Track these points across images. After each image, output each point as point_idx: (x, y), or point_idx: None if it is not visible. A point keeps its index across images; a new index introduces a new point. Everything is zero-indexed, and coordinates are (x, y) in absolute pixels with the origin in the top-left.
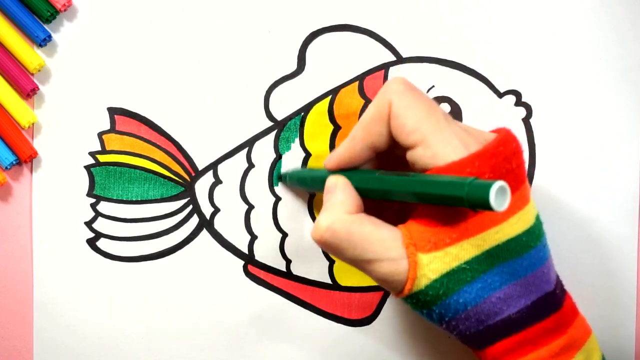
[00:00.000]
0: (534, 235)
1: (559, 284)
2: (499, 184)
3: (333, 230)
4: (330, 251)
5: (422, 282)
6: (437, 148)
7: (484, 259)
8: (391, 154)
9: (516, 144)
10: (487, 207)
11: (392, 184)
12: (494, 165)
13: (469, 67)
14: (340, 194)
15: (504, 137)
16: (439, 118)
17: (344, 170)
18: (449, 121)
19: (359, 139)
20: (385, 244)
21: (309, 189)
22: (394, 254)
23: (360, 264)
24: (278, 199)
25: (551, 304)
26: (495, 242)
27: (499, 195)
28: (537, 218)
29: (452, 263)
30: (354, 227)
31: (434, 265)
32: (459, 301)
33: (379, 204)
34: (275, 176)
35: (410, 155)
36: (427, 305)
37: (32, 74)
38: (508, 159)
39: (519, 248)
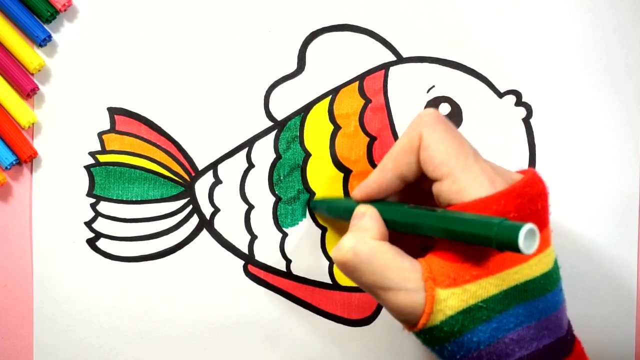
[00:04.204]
0: (551, 279)
1: (570, 329)
2: (528, 226)
3: (356, 252)
4: (349, 273)
5: (438, 317)
6: (464, 184)
7: (501, 298)
8: (417, 188)
9: (542, 186)
10: (515, 249)
11: (420, 218)
12: (519, 205)
13: (469, 67)
14: (367, 221)
15: (531, 178)
16: (469, 154)
17: (372, 201)
18: (477, 158)
19: (389, 169)
20: (405, 274)
21: (338, 217)
22: (412, 285)
23: (376, 290)
24: (278, 199)
25: (562, 350)
26: (514, 282)
27: (528, 237)
28: (555, 262)
29: (469, 300)
30: (377, 252)
31: (451, 301)
32: (472, 339)
33: (400, 237)
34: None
35: (436, 187)
36: (439, 342)
37: (32, 74)
38: (534, 200)
39: (536, 290)
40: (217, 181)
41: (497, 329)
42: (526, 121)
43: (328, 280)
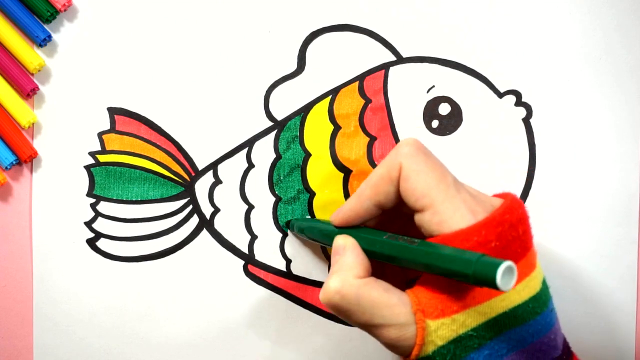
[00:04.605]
0: (540, 302)
1: (565, 347)
2: (506, 264)
3: (342, 295)
4: (339, 314)
5: (430, 348)
6: (445, 215)
7: (490, 326)
8: (397, 212)
9: (522, 211)
10: (493, 286)
11: (399, 251)
12: (500, 233)
13: (469, 67)
14: (349, 257)
15: (510, 204)
16: (449, 184)
17: (351, 227)
18: (458, 188)
19: (366, 197)
20: (393, 310)
21: (316, 241)
22: (402, 319)
23: (368, 328)
24: (278, 199)
25: None
26: (502, 309)
27: (505, 274)
28: (544, 283)
29: (459, 330)
30: (363, 292)
31: (441, 331)
32: None
33: (383, 264)
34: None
35: (418, 218)
36: None
37: (32, 74)
38: (514, 226)
39: (525, 315)
40: (217, 181)
41: (489, 355)
42: (526, 121)
43: None
